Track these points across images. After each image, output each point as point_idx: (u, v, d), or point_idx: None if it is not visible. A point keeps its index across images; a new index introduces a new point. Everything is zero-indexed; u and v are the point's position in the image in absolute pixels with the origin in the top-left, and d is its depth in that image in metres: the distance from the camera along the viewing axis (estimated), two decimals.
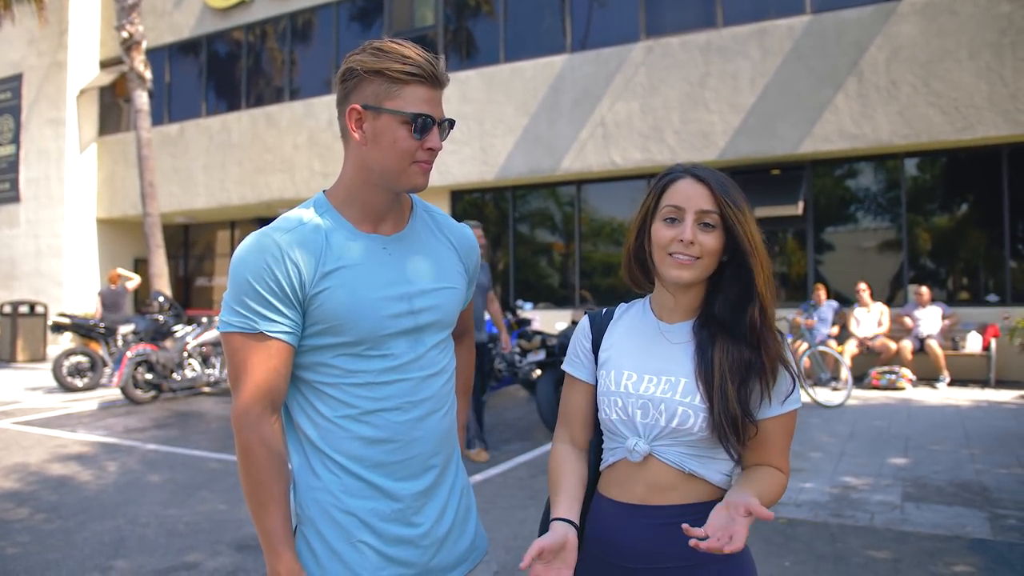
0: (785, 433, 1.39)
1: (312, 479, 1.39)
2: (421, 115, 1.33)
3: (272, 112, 14.61)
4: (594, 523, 1.44)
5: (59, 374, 9.84)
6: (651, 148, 11.15)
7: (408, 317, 1.41)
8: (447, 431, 1.49)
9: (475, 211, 13.23)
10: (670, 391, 1.36)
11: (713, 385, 1.33)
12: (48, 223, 16.36)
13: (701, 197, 1.35)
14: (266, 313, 1.32)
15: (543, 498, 4.73)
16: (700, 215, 1.35)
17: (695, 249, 1.34)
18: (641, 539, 1.37)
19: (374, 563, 1.38)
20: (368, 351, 1.38)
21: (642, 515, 1.37)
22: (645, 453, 1.37)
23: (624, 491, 1.40)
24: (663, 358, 1.40)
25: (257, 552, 3.85)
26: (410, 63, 1.32)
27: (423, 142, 1.35)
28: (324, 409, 1.38)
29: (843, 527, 4.08)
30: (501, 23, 12.59)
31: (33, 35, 16.37)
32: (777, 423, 1.37)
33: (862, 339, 9.50)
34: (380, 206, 1.42)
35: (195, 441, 6.73)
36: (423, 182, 1.39)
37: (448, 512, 1.48)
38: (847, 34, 9.97)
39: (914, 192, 10.38)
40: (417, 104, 1.33)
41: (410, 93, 1.33)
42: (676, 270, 1.36)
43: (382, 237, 1.43)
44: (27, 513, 4.56)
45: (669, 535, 1.33)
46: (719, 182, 1.37)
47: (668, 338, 1.42)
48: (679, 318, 1.43)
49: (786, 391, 1.37)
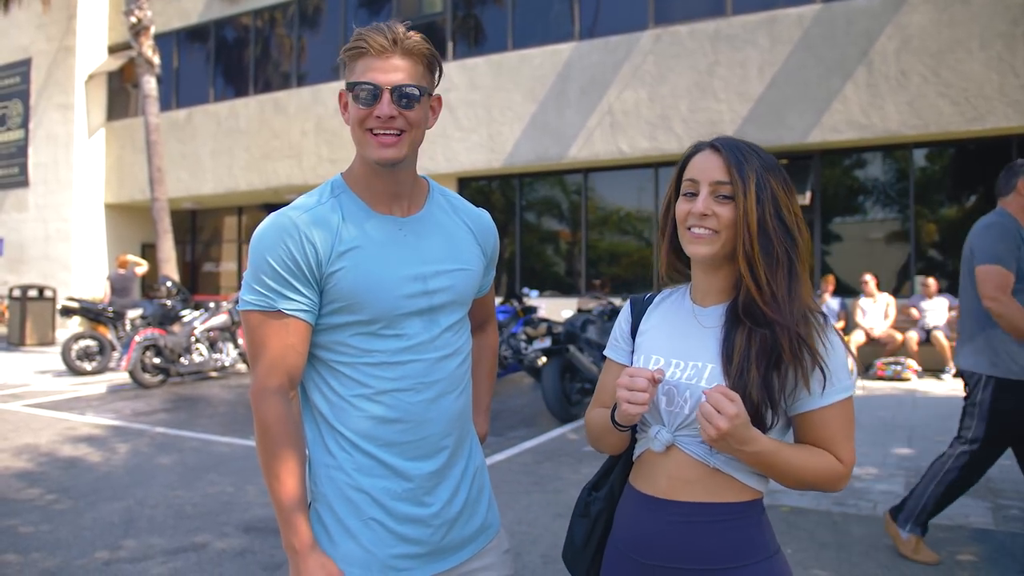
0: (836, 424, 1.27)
1: (326, 457, 1.42)
2: (361, 83, 1.35)
3: (280, 98, 14.61)
4: (621, 514, 1.41)
5: (68, 358, 9.91)
6: (659, 137, 11.12)
7: (423, 297, 1.42)
8: (460, 412, 1.50)
9: (482, 198, 13.23)
10: (695, 377, 1.29)
11: (734, 369, 1.25)
12: (56, 208, 16.43)
13: (716, 168, 1.29)
14: (284, 291, 1.35)
15: (548, 484, 4.78)
16: (715, 187, 1.29)
17: (711, 222, 1.28)
18: (659, 534, 1.31)
19: (385, 541, 1.41)
20: (383, 330, 1.40)
21: (663, 509, 1.31)
22: (668, 443, 1.30)
23: (649, 483, 1.34)
24: (693, 342, 1.33)
25: (264, 534, 3.89)
26: (357, 39, 1.37)
27: (371, 110, 1.36)
28: (339, 388, 1.41)
29: (846, 515, 4.10)
30: (509, 10, 12.54)
31: (42, 20, 16.38)
32: (824, 415, 1.27)
33: (868, 330, 9.50)
34: (383, 185, 1.44)
35: (203, 425, 6.79)
36: (381, 154, 1.37)
37: (460, 492, 1.49)
38: (857, 23, 9.91)
39: (923, 183, 10.34)
40: (361, 75, 1.36)
41: (359, 66, 1.37)
42: (692, 245, 1.30)
43: (397, 218, 1.45)
44: (38, 493, 4.62)
45: (688, 533, 1.28)
46: (736, 149, 1.30)
47: (700, 322, 1.34)
48: (713, 300, 1.35)
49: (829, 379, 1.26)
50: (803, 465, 1.25)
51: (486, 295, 1.70)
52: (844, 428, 1.28)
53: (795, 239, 1.29)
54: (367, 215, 1.43)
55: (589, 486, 1.49)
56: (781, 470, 1.24)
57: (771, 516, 4.21)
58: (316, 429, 1.44)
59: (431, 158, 12.54)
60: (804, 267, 1.30)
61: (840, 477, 1.28)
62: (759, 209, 1.26)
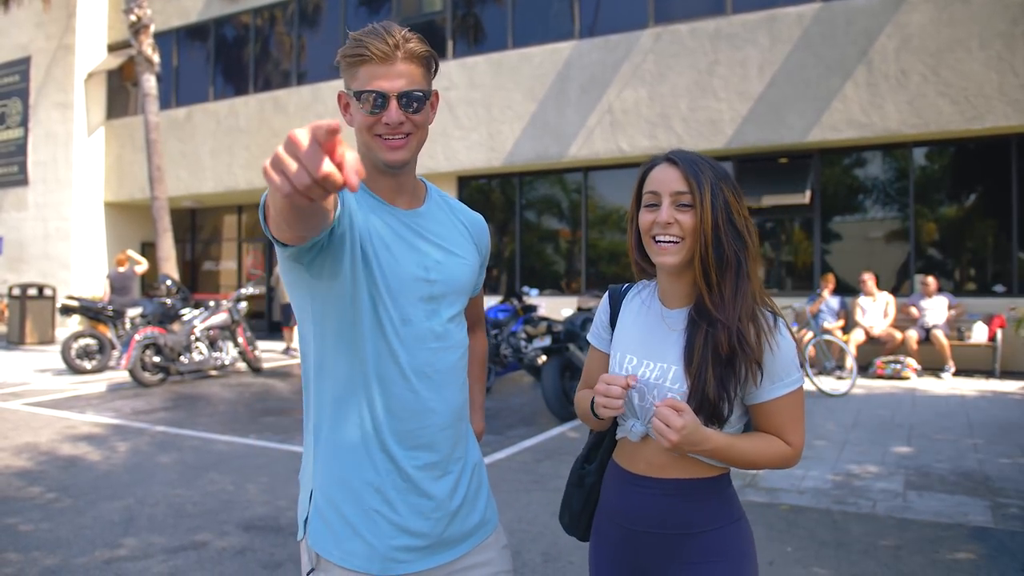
0: (786, 413, 1.41)
1: (328, 445, 1.44)
2: (366, 92, 1.39)
3: (280, 97, 14.60)
4: (607, 488, 1.55)
5: (68, 356, 9.91)
6: (659, 136, 11.12)
7: (424, 284, 1.46)
8: (460, 405, 1.53)
9: (482, 197, 13.24)
10: (662, 377, 1.41)
11: (693, 370, 1.37)
12: (56, 206, 16.42)
13: (675, 179, 1.39)
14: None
15: (548, 482, 4.78)
16: (676, 196, 1.39)
17: (675, 229, 1.38)
18: (643, 505, 1.46)
19: (387, 532, 1.42)
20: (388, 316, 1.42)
21: (644, 484, 1.46)
22: (642, 434, 1.45)
23: (630, 463, 1.50)
24: (661, 344, 1.45)
25: (265, 532, 3.90)
26: (358, 46, 1.39)
27: (379, 117, 1.40)
28: (343, 374, 1.42)
29: (846, 514, 4.11)
30: (509, 9, 12.53)
31: (41, 18, 16.36)
32: (774, 405, 1.41)
33: (868, 328, 9.51)
34: (385, 184, 1.49)
35: (203, 423, 6.79)
36: (391, 156, 1.43)
37: (461, 485, 1.51)
38: (857, 22, 9.91)
39: (922, 182, 10.34)
40: (367, 83, 1.40)
41: (363, 73, 1.40)
42: (660, 256, 1.41)
43: (400, 210, 1.50)
44: (38, 492, 4.62)
45: (669, 505, 1.44)
46: (691, 162, 1.40)
47: (668, 324, 1.46)
48: (678, 304, 1.46)
49: (778, 373, 1.39)
50: (756, 453, 1.40)
51: (477, 296, 1.74)
52: (792, 416, 1.42)
53: (745, 242, 1.41)
54: (375, 203, 1.47)
55: (581, 458, 1.65)
56: (736, 460, 1.39)
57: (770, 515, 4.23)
58: (320, 416, 1.45)
59: (431, 157, 12.53)
60: (754, 267, 1.42)
61: (789, 458, 1.43)
62: (714, 215, 1.37)
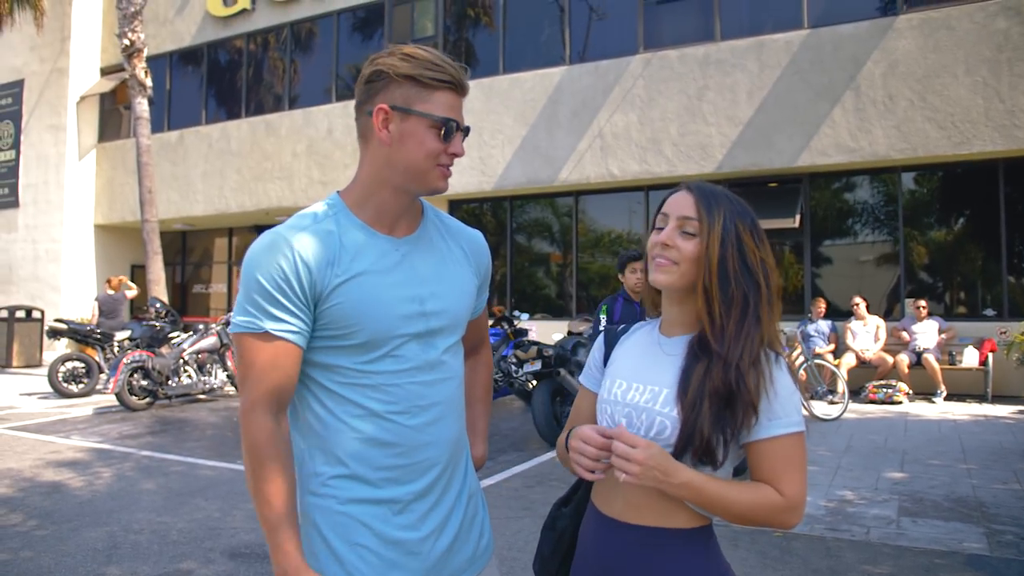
0: (781, 457, 1.29)
1: (316, 478, 1.39)
2: (450, 120, 1.37)
3: (271, 120, 14.64)
4: (584, 530, 1.47)
5: (54, 379, 9.80)
6: (649, 160, 11.18)
7: (420, 319, 1.41)
8: (456, 437, 1.49)
9: (473, 221, 13.25)
10: (652, 400, 1.35)
11: (688, 399, 1.29)
12: (46, 228, 16.36)
13: (686, 205, 1.38)
14: (275, 312, 1.32)
15: (538, 509, 4.73)
16: (682, 221, 1.37)
17: (672, 253, 1.36)
18: (617, 555, 1.37)
19: (374, 566, 1.37)
20: (379, 353, 1.38)
21: (619, 531, 1.37)
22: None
23: (607, 504, 1.41)
24: (654, 367, 1.40)
25: (251, 560, 3.83)
26: (441, 71, 1.36)
27: (448, 146, 1.39)
28: (332, 408, 1.38)
29: (839, 541, 4.07)
30: (500, 34, 12.65)
31: (35, 41, 16.41)
32: (768, 447, 1.29)
33: (859, 352, 9.51)
34: (396, 208, 1.44)
35: (190, 448, 6.70)
36: (444, 185, 1.43)
37: (453, 518, 1.47)
38: (844, 48, 10.03)
39: (911, 206, 10.42)
40: (445, 109, 1.38)
41: (439, 98, 1.37)
42: (654, 273, 1.39)
43: (395, 239, 1.44)
44: (20, 519, 4.53)
45: (642, 556, 1.34)
46: (707, 193, 1.38)
47: (664, 349, 1.41)
48: (678, 332, 1.42)
49: (776, 412, 1.29)
50: (736, 498, 1.27)
51: (479, 317, 1.68)
52: (788, 462, 1.29)
53: (758, 284, 1.35)
54: (366, 235, 1.41)
55: (559, 501, 1.57)
56: (712, 501, 1.26)
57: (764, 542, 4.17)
58: (307, 449, 1.41)
59: None
60: (767, 313, 1.35)
61: (780, 510, 1.28)
62: (722, 249, 1.34)
